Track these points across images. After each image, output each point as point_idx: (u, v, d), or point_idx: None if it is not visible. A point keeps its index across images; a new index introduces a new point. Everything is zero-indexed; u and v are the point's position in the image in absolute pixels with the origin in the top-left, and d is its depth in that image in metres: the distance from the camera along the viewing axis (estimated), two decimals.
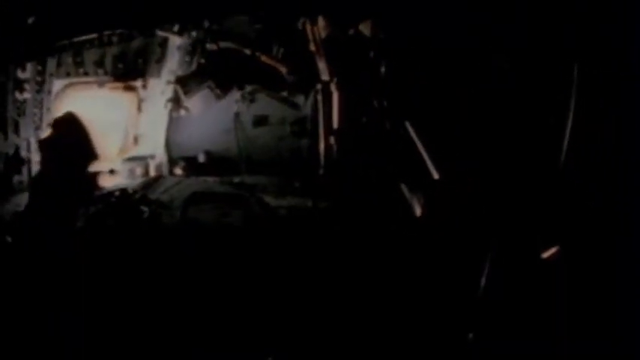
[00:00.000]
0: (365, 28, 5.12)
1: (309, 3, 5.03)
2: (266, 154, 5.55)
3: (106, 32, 5.23)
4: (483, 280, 3.74)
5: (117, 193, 5.06)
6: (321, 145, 5.21)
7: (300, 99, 5.33)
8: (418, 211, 4.43)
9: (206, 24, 5.31)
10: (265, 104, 5.45)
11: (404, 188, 4.57)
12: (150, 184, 5.47)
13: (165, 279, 4.23)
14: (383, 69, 5.20)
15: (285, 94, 5.38)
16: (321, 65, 5.18)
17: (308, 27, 5.18)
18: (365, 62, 5.19)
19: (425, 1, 4.89)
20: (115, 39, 5.44)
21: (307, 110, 5.33)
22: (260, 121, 5.40)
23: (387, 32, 5.18)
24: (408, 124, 4.46)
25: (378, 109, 5.25)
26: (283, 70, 5.37)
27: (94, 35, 5.13)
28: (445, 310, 3.96)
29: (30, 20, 4.16)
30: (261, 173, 5.69)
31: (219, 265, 4.70)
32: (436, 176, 4.19)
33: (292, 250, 5.15)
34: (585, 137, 3.70)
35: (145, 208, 4.86)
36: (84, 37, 5.17)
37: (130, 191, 5.13)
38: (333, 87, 5.19)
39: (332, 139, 5.22)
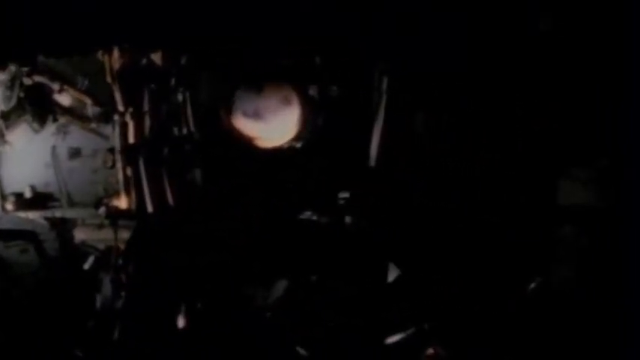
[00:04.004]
0: (157, 57, 5.08)
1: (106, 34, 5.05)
2: (82, 186, 5.50)
3: None
4: None
5: None
6: (120, 176, 5.11)
7: (108, 130, 5.28)
8: None
9: None
10: (78, 136, 5.44)
11: None
12: None
13: None
14: (180, 97, 5.12)
15: (94, 125, 5.35)
16: (117, 96, 5.13)
17: (106, 58, 5.18)
18: (160, 91, 5.12)
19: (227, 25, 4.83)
20: None
21: (115, 141, 5.26)
22: (74, 153, 5.38)
23: (186, 59, 5.12)
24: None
25: (178, 137, 5.15)
26: (88, 101, 5.37)
27: None
28: None
29: None
30: (80, 206, 5.63)
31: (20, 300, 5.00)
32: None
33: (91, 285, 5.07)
34: None
35: None
36: None
37: None
38: (128, 117, 5.12)
39: (129, 170, 5.11)
